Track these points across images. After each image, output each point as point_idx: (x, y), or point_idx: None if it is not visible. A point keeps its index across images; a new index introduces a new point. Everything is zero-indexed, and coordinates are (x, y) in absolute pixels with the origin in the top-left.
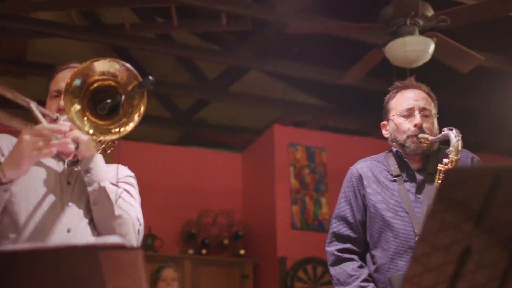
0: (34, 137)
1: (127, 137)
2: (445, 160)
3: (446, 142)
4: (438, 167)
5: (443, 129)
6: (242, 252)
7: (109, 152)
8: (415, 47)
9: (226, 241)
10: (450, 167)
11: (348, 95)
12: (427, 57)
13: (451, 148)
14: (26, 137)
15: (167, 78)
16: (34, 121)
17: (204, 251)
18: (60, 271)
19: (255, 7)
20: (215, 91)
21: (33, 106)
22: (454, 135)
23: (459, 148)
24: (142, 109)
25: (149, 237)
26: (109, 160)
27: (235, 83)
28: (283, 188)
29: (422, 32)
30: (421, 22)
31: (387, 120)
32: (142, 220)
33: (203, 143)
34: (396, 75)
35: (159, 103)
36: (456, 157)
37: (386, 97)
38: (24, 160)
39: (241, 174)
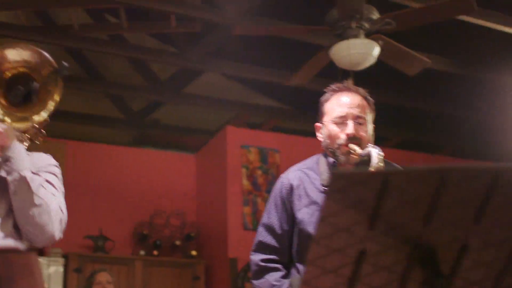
0: None
1: (80, 138)
2: None
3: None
4: None
5: (368, 145)
6: (194, 253)
7: (38, 143)
8: (360, 50)
9: (178, 242)
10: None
11: (302, 96)
12: (372, 60)
13: (370, 169)
14: None
15: (121, 79)
16: None
17: (156, 252)
18: None
19: (204, 8)
20: (168, 93)
21: None
22: (376, 155)
23: (378, 166)
24: (57, 95)
25: (100, 239)
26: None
27: (189, 84)
28: (235, 189)
29: (368, 35)
30: (366, 25)
31: (321, 123)
32: (65, 210)
33: (156, 145)
34: (342, 78)
35: (112, 104)
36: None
37: (321, 99)
38: None
39: (194, 176)
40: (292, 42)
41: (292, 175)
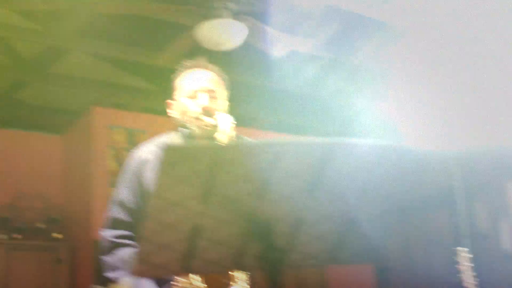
0: None
1: None
2: None
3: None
4: None
5: (220, 115)
6: (58, 236)
7: None
8: (225, 30)
9: (41, 225)
10: None
11: (169, 76)
12: (238, 40)
13: (216, 134)
14: None
15: None
16: None
17: (18, 236)
18: None
19: None
20: (33, 72)
21: None
22: (227, 125)
23: (230, 133)
24: None
25: None
26: None
27: (55, 64)
28: (101, 171)
29: (234, 16)
30: (233, 6)
31: (173, 99)
32: None
33: (20, 126)
34: (209, 58)
35: None
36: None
37: (173, 75)
38: None
39: (60, 157)
40: (158, 21)
41: (144, 149)
